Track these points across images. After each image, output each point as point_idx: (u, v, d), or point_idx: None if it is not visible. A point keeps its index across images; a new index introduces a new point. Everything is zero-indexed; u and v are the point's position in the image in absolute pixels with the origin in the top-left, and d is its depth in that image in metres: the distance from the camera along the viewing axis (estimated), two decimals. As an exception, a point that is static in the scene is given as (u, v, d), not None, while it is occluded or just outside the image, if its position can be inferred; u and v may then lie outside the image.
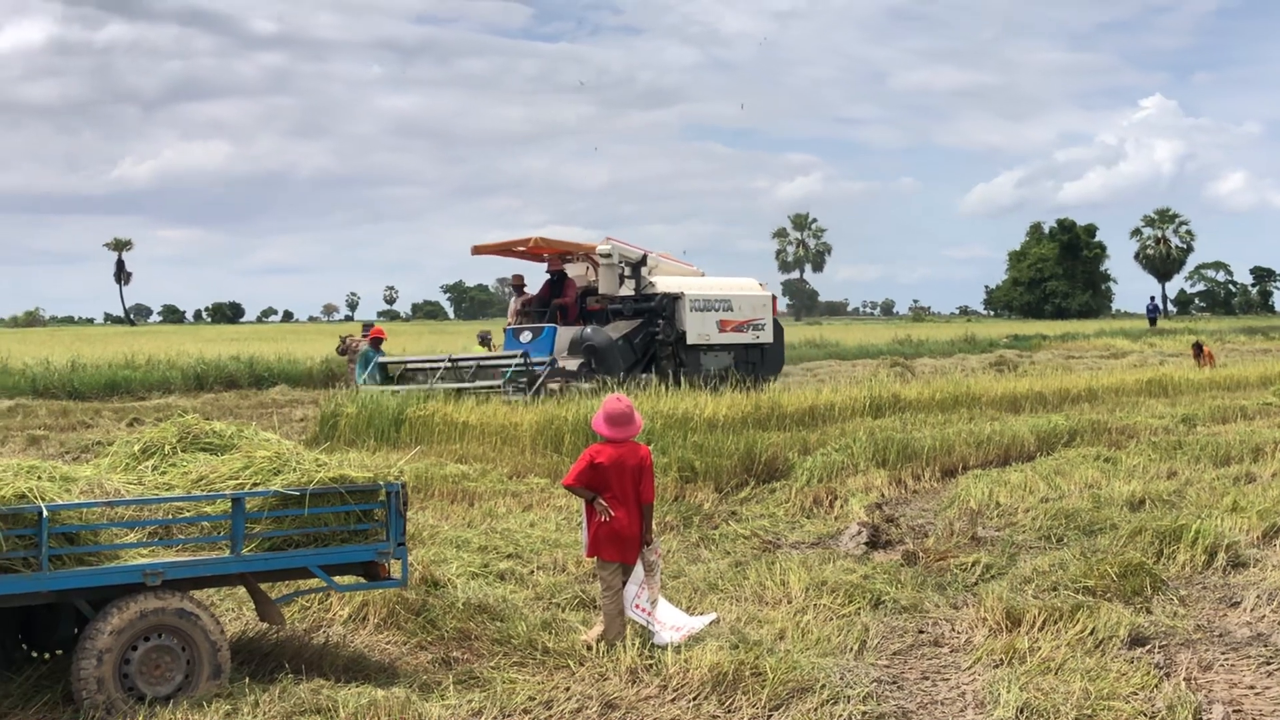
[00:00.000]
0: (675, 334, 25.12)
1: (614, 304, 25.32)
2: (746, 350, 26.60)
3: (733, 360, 26.09)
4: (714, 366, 25.37)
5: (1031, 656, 8.34)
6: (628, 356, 24.12)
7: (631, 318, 24.93)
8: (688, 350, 25.38)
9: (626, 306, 25.18)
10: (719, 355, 25.99)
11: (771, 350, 27.34)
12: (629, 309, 25.10)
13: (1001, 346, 55.10)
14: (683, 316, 25.27)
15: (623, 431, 8.65)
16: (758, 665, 7.90)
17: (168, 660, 7.17)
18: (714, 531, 13.01)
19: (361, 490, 7.85)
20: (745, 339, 26.54)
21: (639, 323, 24.75)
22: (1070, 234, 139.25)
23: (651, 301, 25.04)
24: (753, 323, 26.64)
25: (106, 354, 40.01)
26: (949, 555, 11.47)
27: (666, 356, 24.94)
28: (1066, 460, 16.54)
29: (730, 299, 26.35)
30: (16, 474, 7.10)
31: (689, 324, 25.35)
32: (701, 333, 25.63)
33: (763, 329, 26.93)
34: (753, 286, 27.48)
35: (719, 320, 25.97)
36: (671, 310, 25.10)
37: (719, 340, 25.99)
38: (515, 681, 7.87)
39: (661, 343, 24.84)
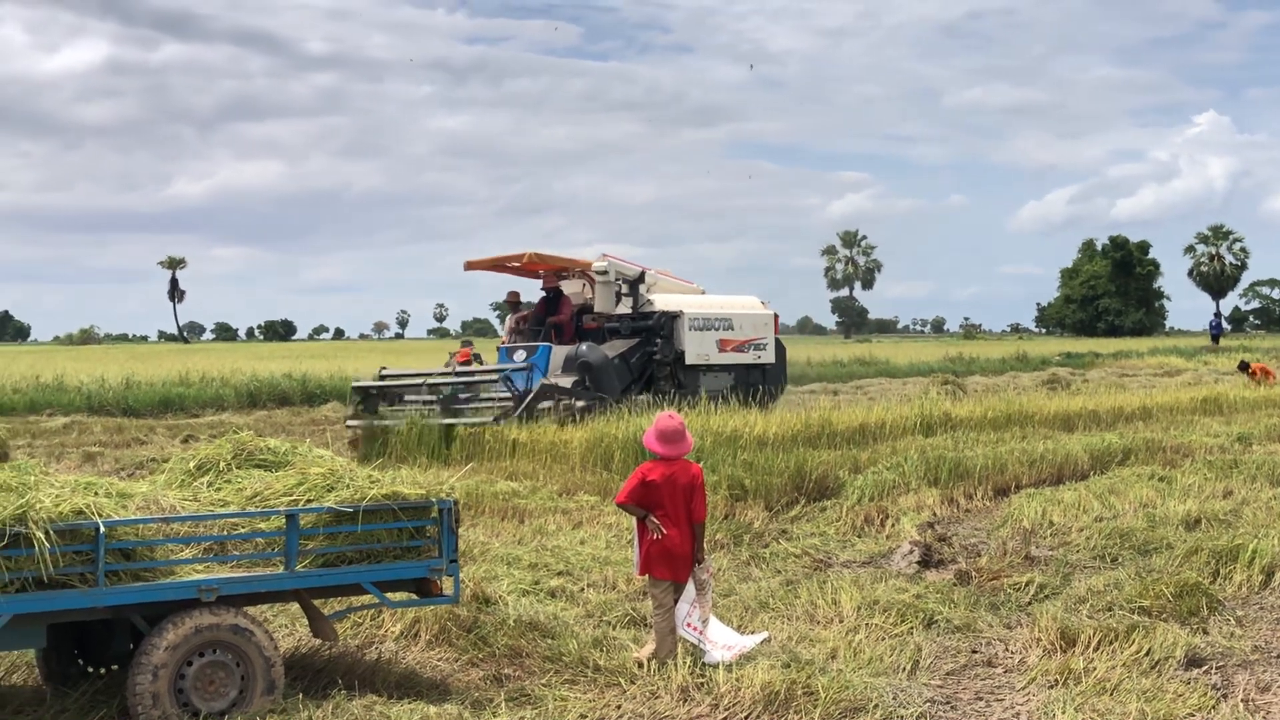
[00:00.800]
0: (674, 354, 24.43)
1: (610, 322, 24.57)
2: (747, 371, 25.85)
3: (733, 381, 25.30)
4: (713, 387, 24.58)
5: (1087, 677, 8.27)
6: (624, 376, 23.40)
7: (628, 336, 24.20)
8: (686, 370, 24.68)
9: (623, 325, 24.44)
10: (719, 376, 25.26)
11: (773, 371, 26.54)
12: (626, 328, 24.37)
13: (1054, 364, 54.71)
14: (681, 335, 24.62)
15: (675, 449, 8.63)
16: (810, 684, 7.87)
17: (222, 676, 7.21)
18: (765, 550, 12.97)
19: (414, 507, 7.88)
20: (746, 359, 25.82)
21: (636, 342, 24.03)
22: (1123, 251, 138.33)
23: (649, 320, 24.39)
24: (754, 342, 25.93)
25: (160, 371, 40.40)
26: (1002, 575, 11.39)
27: (664, 377, 24.25)
28: (1121, 479, 16.39)
29: (731, 318, 25.66)
30: (74, 490, 7.17)
31: (688, 343, 24.66)
32: (700, 352, 24.94)
33: (764, 349, 26.20)
34: (754, 305, 26.78)
35: (719, 340, 25.28)
36: (670, 329, 24.47)
37: (719, 360, 25.27)
38: (567, 699, 7.87)
39: (659, 363, 24.17)
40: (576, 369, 22.60)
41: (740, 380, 25.35)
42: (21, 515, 6.65)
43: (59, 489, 7.08)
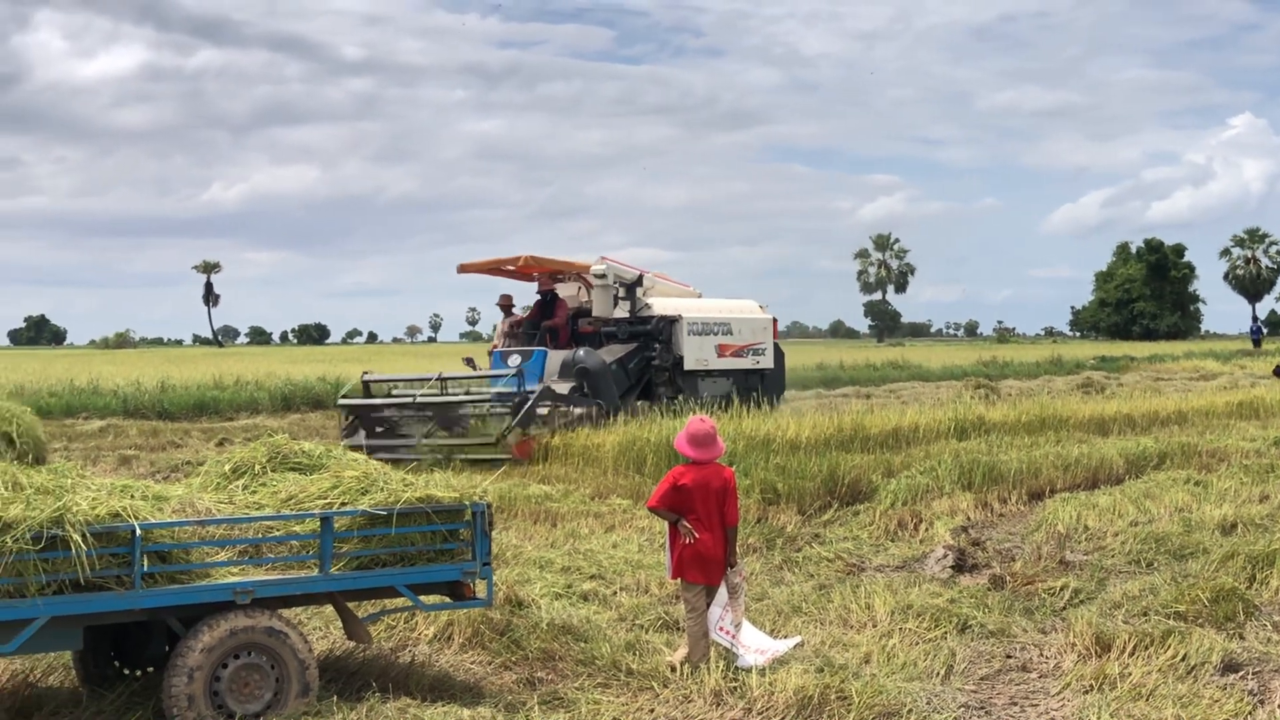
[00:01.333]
0: (672, 359, 23.93)
1: (608, 326, 23.98)
2: (746, 376, 25.21)
3: (732, 386, 24.69)
4: (711, 393, 24.06)
5: (1122, 682, 8.23)
6: (621, 382, 22.83)
7: (626, 341, 23.67)
8: (685, 376, 24.13)
9: (621, 329, 23.79)
10: (717, 381, 24.67)
11: (772, 376, 25.87)
12: (623, 332, 23.76)
13: (1088, 368, 54.45)
14: (680, 340, 24.03)
15: (706, 453, 8.62)
16: (843, 689, 7.86)
17: (257, 678, 7.24)
18: (797, 554, 12.96)
19: (447, 510, 7.90)
20: (745, 364, 25.21)
21: (634, 346, 23.51)
22: (1158, 254, 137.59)
23: (648, 324, 23.80)
24: (753, 347, 25.33)
25: (195, 375, 40.61)
26: (1037, 579, 11.35)
27: (663, 383, 23.76)
28: (1156, 483, 16.29)
29: (730, 322, 25.06)
30: (111, 493, 7.22)
31: (686, 348, 24.11)
32: (699, 358, 24.34)
33: (763, 354, 25.59)
34: (753, 309, 26.18)
35: (718, 344, 24.67)
36: (668, 334, 23.90)
37: (717, 365, 24.68)
38: (599, 703, 7.88)
39: (658, 368, 23.62)
40: (574, 374, 22.07)
41: (739, 385, 24.75)
42: (59, 518, 6.70)
43: (95, 492, 7.13)
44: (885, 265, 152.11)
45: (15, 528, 6.57)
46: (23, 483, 6.98)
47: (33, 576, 6.63)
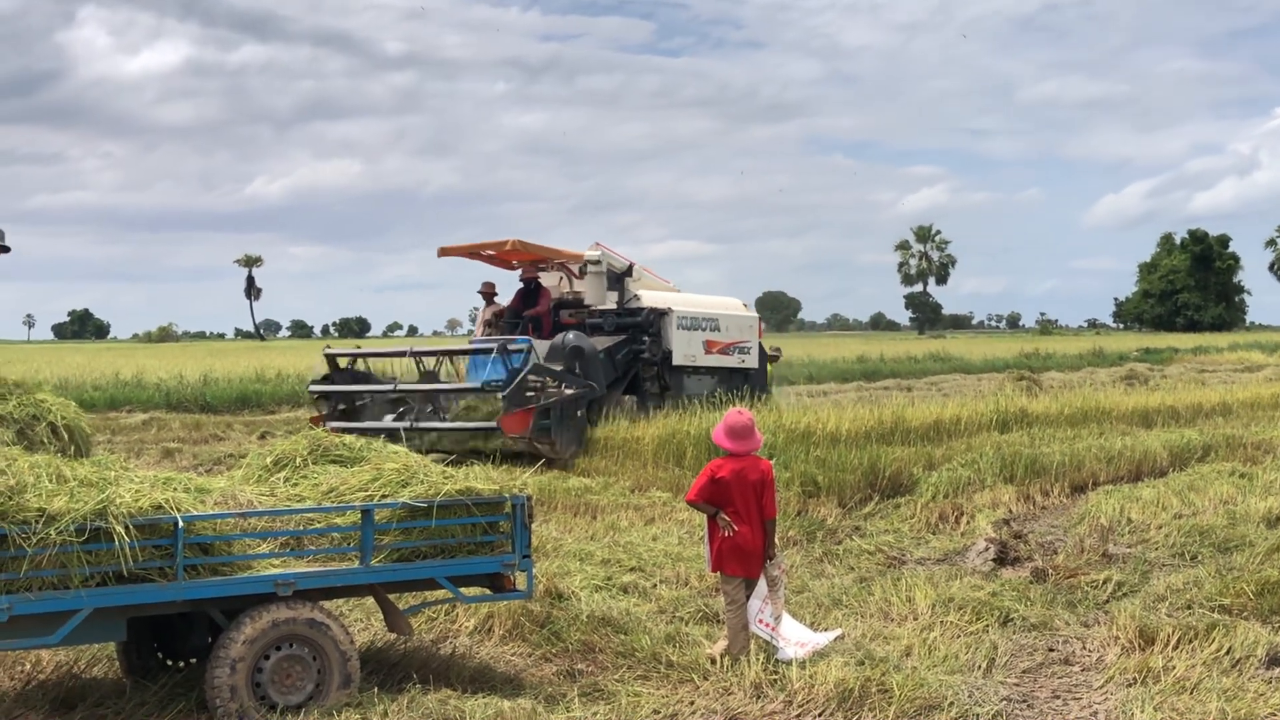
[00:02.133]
0: (661, 353, 22.77)
1: (594, 318, 22.83)
2: (731, 375, 24.29)
3: (716, 384, 23.68)
4: (695, 391, 23.01)
5: (1166, 676, 8.17)
6: (609, 372, 21.65)
7: (613, 333, 22.44)
8: (672, 371, 23.04)
9: (607, 321, 22.63)
10: (703, 379, 23.68)
11: (756, 376, 24.89)
12: (610, 323, 22.55)
13: (1132, 360, 54.17)
14: (669, 335, 22.89)
15: (744, 445, 8.61)
16: (884, 682, 7.83)
17: (299, 669, 7.27)
18: (838, 547, 12.92)
19: (487, 503, 7.92)
20: (731, 362, 24.26)
21: (621, 339, 22.30)
22: (1202, 245, 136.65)
23: (638, 316, 22.67)
24: (739, 345, 24.39)
25: (237, 368, 40.82)
26: (1079, 572, 11.29)
27: (650, 378, 22.64)
28: (1200, 476, 16.19)
29: (718, 319, 24.07)
30: (153, 485, 7.26)
31: (675, 343, 23.00)
32: (688, 353, 23.31)
33: (749, 352, 24.66)
34: (738, 306, 25.25)
35: (705, 341, 23.68)
36: (658, 327, 22.76)
37: (705, 362, 23.66)
38: (640, 695, 7.88)
39: (647, 362, 22.49)
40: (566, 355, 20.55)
41: (723, 384, 23.83)
42: (102, 510, 6.75)
43: (138, 484, 7.17)
44: (926, 257, 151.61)
45: (60, 520, 6.62)
46: (67, 475, 7.03)
47: (77, 568, 6.68)
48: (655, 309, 22.82)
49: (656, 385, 22.55)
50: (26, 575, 6.58)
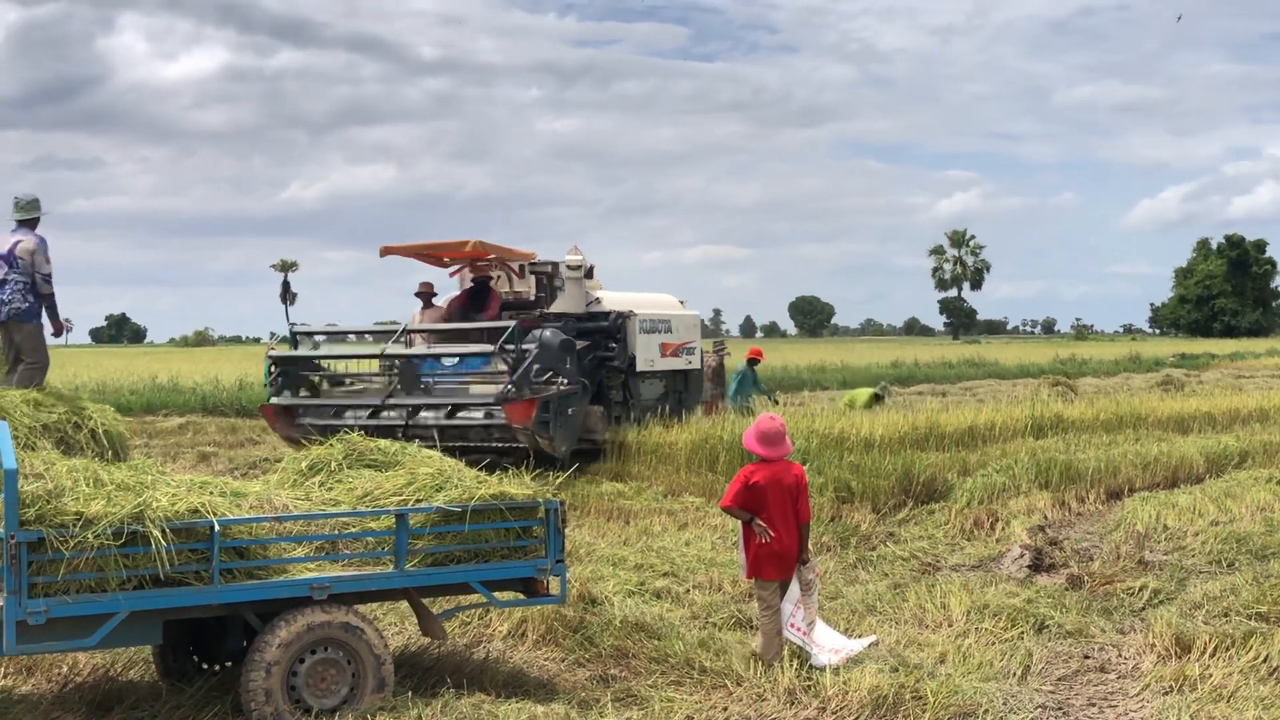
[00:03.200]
0: (627, 358, 20.80)
1: (550, 321, 20.37)
2: (674, 377, 22.48)
3: (664, 389, 22.03)
4: (649, 396, 21.48)
5: (1202, 684, 8.11)
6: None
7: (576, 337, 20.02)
8: (634, 377, 21.12)
9: (567, 325, 20.16)
10: (653, 383, 21.90)
11: (695, 378, 23.29)
12: (571, 328, 20.09)
13: (1168, 365, 53.88)
14: (633, 339, 20.93)
15: (776, 450, 8.60)
16: (918, 689, 7.81)
17: (333, 673, 7.30)
18: (872, 553, 12.89)
19: (521, 507, 7.94)
20: (679, 364, 22.44)
21: (586, 345, 20.19)
22: (1239, 250, 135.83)
23: (604, 320, 20.70)
24: (686, 346, 22.61)
25: (273, 372, 40.90)
26: (1115, 579, 11.22)
27: (616, 385, 20.70)
28: (1237, 482, 16.07)
29: (669, 319, 22.22)
30: (190, 489, 7.30)
31: (639, 348, 21.05)
32: (648, 357, 21.34)
33: (694, 353, 22.96)
34: (676, 304, 23.38)
35: (661, 343, 21.91)
36: (624, 331, 20.80)
37: (660, 366, 21.86)
38: (673, 700, 7.87)
39: (614, 369, 20.56)
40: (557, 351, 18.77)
41: (670, 388, 22.31)
42: (139, 514, 6.79)
43: (175, 488, 7.22)
44: (961, 262, 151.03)
45: (97, 523, 6.66)
46: (104, 479, 7.07)
47: (113, 571, 6.72)
48: (619, 312, 21.06)
49: (621, 393, 20.93)
50: (64, 578, 6.62)
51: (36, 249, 11.24)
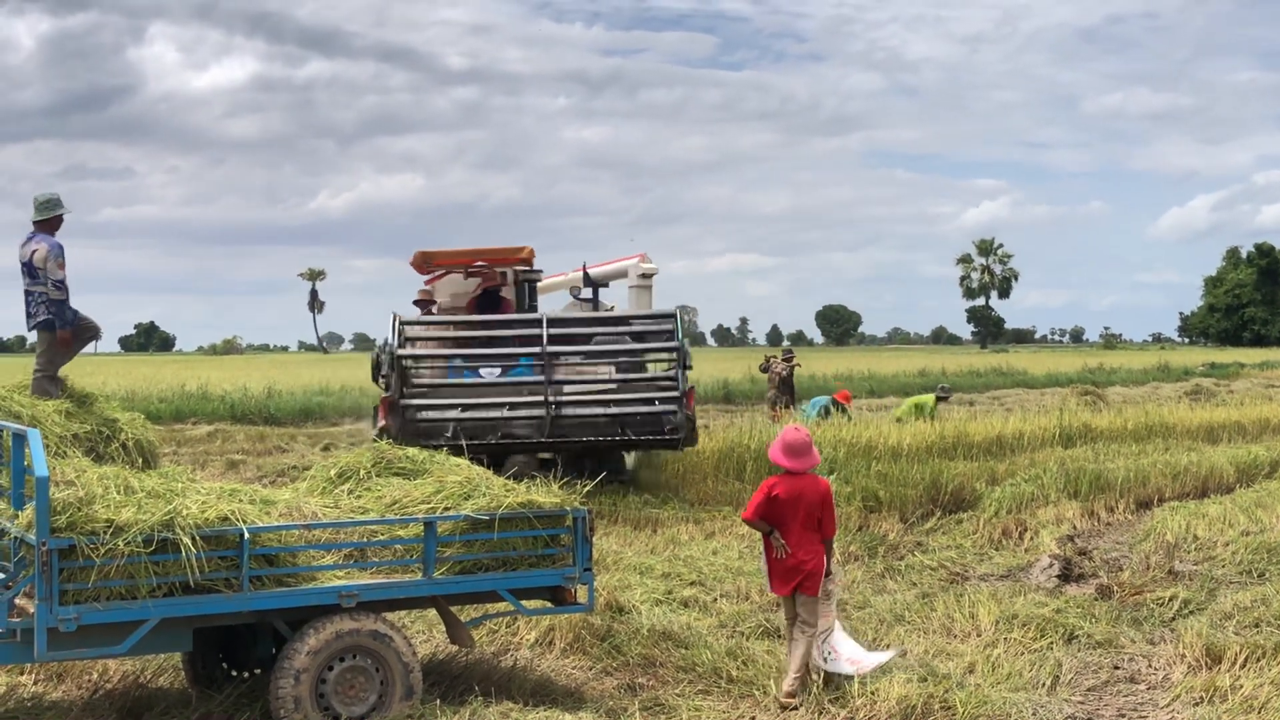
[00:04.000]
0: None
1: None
2: None
3: None
4: None
5: (1233, 695, 8.07)
6: None
7: None
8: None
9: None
10: None
11: None
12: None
13: (1198, 375, 53.61)
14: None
15: (801, 462, 8.42)
16: (947, 699, 7.78)
17: (362, 681, 7.32)
18: (900, 562, 12.85)
19: (549, 516, 7.94)
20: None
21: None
22: (1269, 258, 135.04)
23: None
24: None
25: (301, 381, 41.19)
26: (1145, 589, 11.17)
27: None
28: (1268, 492, 15.98)
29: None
30: (219, 497, 7.33)
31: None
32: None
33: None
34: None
35: None
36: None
37: None
38: (701, 709, 7.87)
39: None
40: None
41: None
42: (169, 521, 6.82)
43: (205, 496, 7.25)
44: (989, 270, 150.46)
45: (127, 531, 6.70)
46: (134, 486, 7.11)
47: (144, 579, 6.75)
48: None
49: None
50: (95, 585, 6.66)
51: (49, 255, 11.22)
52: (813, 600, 8.29)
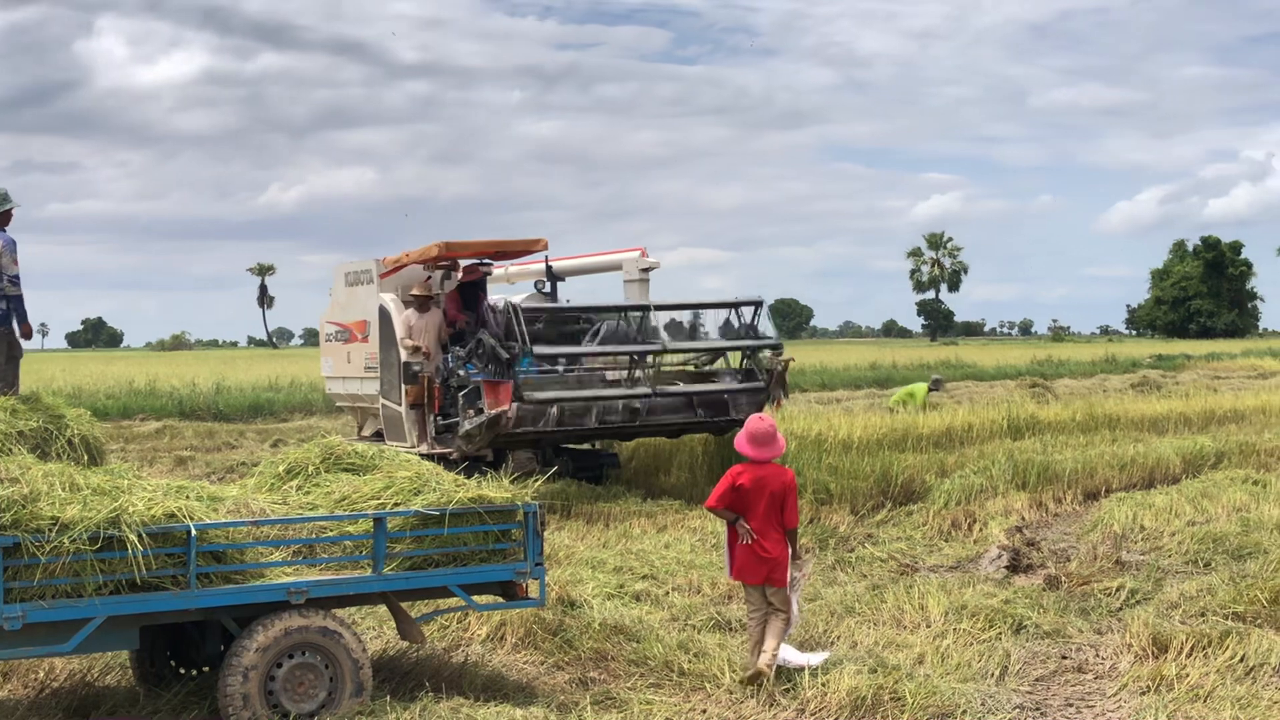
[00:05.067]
0: None
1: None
2: None
3: None
4: None
5: (1179, 684, 8.15)
6: None
7: None
8: None
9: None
10: None
11: None
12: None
13: (1144, 367, 54.00)
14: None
15: (765, 451, 8.50)
16: (896, 690, 7.83)
17: (311, 678, 7.28)
18: (850, 554, 12.91)
19: (500, 510, 7.92)
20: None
21: None
22: (1215, 251, 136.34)
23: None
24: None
25: (250, 376, 40.90)
26: (1092, 580, 11.26)
27: None
28: (1213, 483, 16.13)
29: None
30: (166, 494, 7.27)
31: None
32: None
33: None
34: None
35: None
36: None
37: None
38: (652, 703, 7.88)
39: None
40: None
41: None
42: (115, 518, 6.77)
43: (151, 493, 7.19)
44: (939, 264, 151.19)
45: (73, 528, 6.64)
46: (80, 484, 7.06)
47: (90, 576, 6.70)
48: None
49: None
50: (40, 583, 6.60)
51: (3, 250, 11.06)
52: (783, 590, 8.40)
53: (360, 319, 18.83)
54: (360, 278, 18.95)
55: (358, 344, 19.02)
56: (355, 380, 19.03)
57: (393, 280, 18.66)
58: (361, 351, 18.80)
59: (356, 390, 19.03)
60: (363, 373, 18.66)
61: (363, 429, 19.35)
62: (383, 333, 18.05)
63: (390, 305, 17.82)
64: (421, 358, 17.11)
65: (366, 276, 18.72)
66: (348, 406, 20.23)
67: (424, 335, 17.41)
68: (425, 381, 17.06)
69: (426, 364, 17.18)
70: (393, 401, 17.67)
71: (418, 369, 17.10)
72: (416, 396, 17.12)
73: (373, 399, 18.37)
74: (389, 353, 17.79)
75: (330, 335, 19.87)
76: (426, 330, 17.46)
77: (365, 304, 18.59)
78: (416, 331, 17.41)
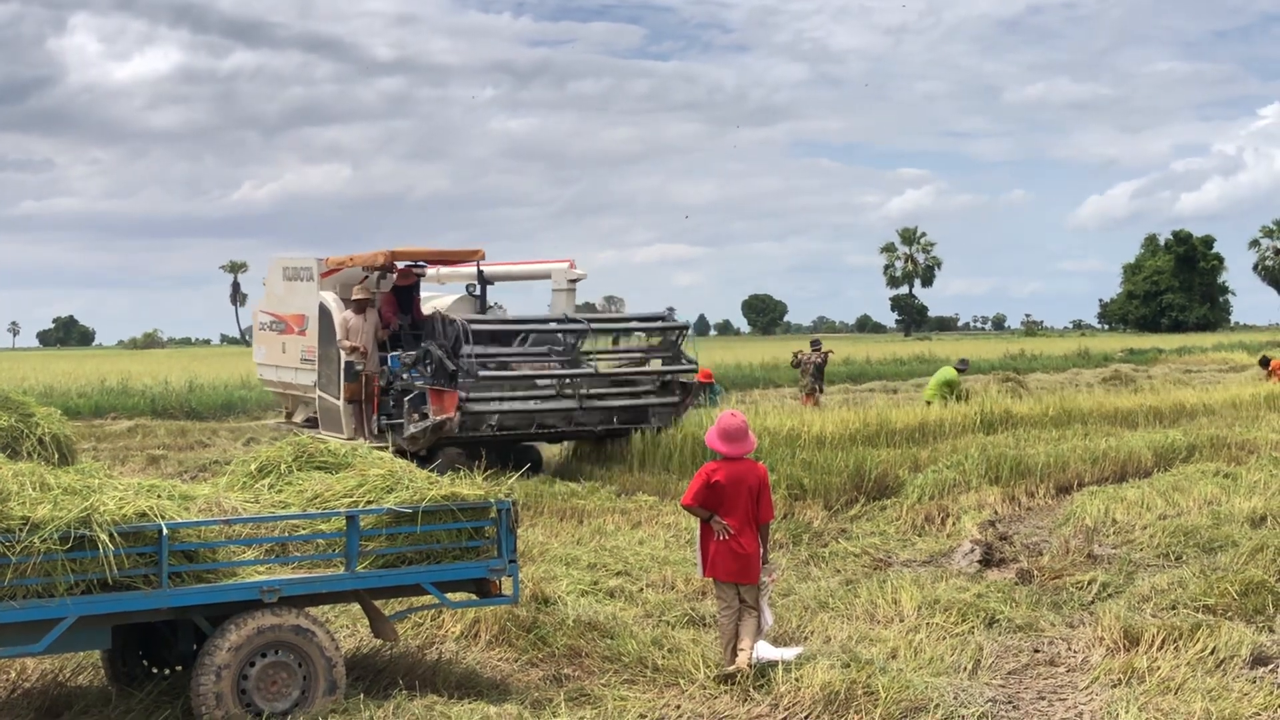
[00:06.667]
0: None
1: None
2: None
3: None
4: None
5: (1151, 676, 8.19)
6: None
7: None
8: None
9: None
10: None
11: None
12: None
13: (1116, 361, 54.29)
14: None
15: (738, 447, 8.52)
16: (870, 684, 7.84)
17: (284, 676, 7.26)
18: (824, 549, 12.94)
19: (473, 508, 7.92)
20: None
21: None
22: (1186, 246, 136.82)
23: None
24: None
25: (223, 375, 40.72)
26: (1064, 573, 11.31)
27: None
28: (1185, 476, 16.22)
29: None
30: (138, 493, 7.25)
31: None
32: None
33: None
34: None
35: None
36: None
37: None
38: (626, 699, 7.88)
39: None
40: None
41: None
42: (86, 518, 6.74)
43: (123, 492, 7.17)
44: (912, 259, 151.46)
45: (43, 528, 6.61)
46: (50, 483, 7.02)
47: (61, 576, 6.67)
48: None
49: None
50: (10, 583, 6.57)
51: None
52: (754, 587, 8.43)
53: (298, 313, 19.52)
54: (300, 274, 19.45)
55: (294, 336, 19.68)
56: (289, 370, 19.83)
57: (331, 280, 19.07)
58: (298, 344, 19.50)
59: (290, 379, 19.80)
60: (298, 364, 19.44)
61: (292, 415, 20.05)
62: (322, 329, 18.67)
63: (331, 304, 18.51)
64: (359, 357, 17.81)
65: (306, 274, 19.20)
66: (278, 393, 21.10)
67: (361, 336, 17.97)
68: (364, 379, 17.87)
69: (365, 362, 17.88)
70: (330, 395, 18.30)
71: (359, 368, 17.81)
72: (354, 393, 17.92)
73: (306, 389, 19.23)
74: (328, 348, 18.44)
75: (265, 325, 20.65)
76: (364, 331, 18.03)
77: (304, 300, 19.27)
78: (354, 332, 17.98)
